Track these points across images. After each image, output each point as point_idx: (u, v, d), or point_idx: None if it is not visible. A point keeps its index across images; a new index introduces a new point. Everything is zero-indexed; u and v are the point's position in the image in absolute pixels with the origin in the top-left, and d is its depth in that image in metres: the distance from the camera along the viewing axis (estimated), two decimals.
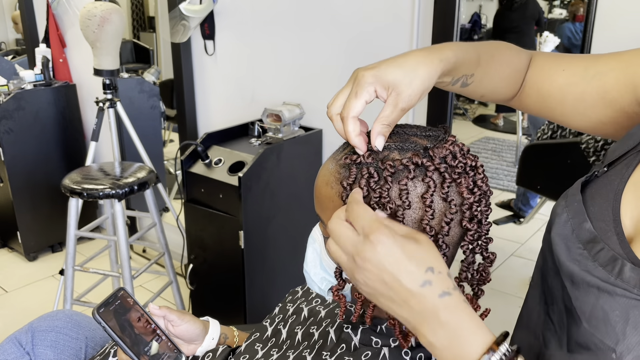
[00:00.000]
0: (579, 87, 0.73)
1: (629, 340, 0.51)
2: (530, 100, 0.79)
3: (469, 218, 0.63)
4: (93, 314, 0.80)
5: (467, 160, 0.63)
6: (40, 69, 2.82)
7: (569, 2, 3.17)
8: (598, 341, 0.54)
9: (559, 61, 0.77)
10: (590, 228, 0.58)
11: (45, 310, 1.94)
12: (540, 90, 0.77)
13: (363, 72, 0.62)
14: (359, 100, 0.62)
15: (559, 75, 0.75)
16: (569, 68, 0.75)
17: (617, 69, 0.70)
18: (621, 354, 0.51)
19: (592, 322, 0.54)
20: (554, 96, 0.76)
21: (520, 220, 2.95)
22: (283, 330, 0.87)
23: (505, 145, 4.24)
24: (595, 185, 0.63)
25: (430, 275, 0.53)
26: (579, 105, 0.73)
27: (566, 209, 0.62)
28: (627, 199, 0.58)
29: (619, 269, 0.53)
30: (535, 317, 0.67)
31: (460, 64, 0.67)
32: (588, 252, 0.56)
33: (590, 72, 0.73)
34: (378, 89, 0.62)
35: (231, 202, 1.73)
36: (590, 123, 0.74)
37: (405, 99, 0.61)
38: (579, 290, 0.57)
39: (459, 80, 0.70)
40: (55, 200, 2.81)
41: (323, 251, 0.72)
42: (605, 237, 0.57)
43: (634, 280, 0.51)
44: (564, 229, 0.61)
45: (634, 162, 0.60)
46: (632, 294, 0.51)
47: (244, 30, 2.12)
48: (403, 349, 0.67)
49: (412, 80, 0.61)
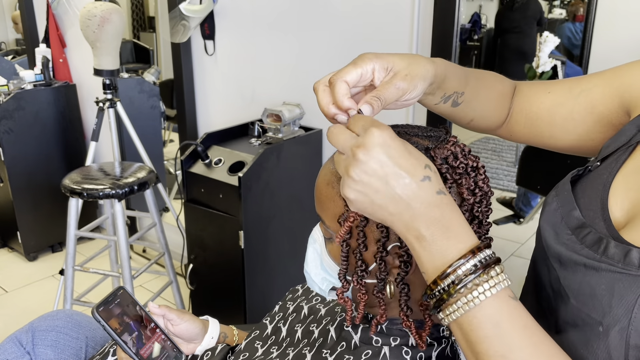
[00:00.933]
0: (567, 106, 0.75)
1: (614, 312, 0.52)
2: (519, 127, 0.80)
3: (470, 219, 0.63)
4: (92, 313, 0.80)
5: (469, 161, 0.63)
6: (40, 69, 2.82)
7: (569, 2, 3.17)
8: (585, 316, 0.55)
9: (543, 86, 0.79)
10: (578, 215, 0.60)
11: (45, 310, 1.94)
12: (528, 115, 0.78)
13: (364, 53, 0.62)
14: (356, 68, 0.60)
15: (545, 98, 0.77)
16: (554, 90, 0.77)
17: (601, 84, 0.72)
18: (608, 326, 0.52)
19: (580, 298, 0.56)
20: (542, 118, 0.77)
21: (520, 220, 2.95)
22: (283, 328, 0.87)
23: (505, 145, 4.24)
24: (587, 179, 0.65)
25: (429, 171, 0.54)
26: (568, 124, 0.75)
27: (556, 198, 0.65)
28: (616, 190, 0.60)
29: (604, 247, 0.55)
30: (528, 308, 0.68)
31: (450, 76, 0.68)
32: (576, 237, 0.59)
33: (575, 91, 0.74)
34: (377, 67, 0.61)
35: (231, 202, 1.73)
36: (580, 141, 0.75)
37: (401, 77, 0.60)
38: (567, 269, 0.58)
39: (450, 97, 0.71)
40: (55, 200, 2.81)
41: (324, 251, 0.72)
42: (592, 223, 0.59)
43: (618, 255, 0.53)
44: (553, 217, 0.63)
45: (623, 156, 0.62)
46: (616, 267, 0.53)
47: (244, 30, 2.12)
48: (421, 349, 0.67)
49: (410, 64, 0.62)
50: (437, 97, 0.70)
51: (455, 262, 0.53)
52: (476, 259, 0.53)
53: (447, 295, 0.53)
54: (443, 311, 0.54)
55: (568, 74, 2.68)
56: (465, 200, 0.62)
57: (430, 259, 0.54)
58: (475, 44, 3.72)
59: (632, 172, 0.61)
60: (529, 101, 0.79)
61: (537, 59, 2.60)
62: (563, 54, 2.83)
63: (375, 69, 0.61)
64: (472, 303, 0.52)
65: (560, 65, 2.62)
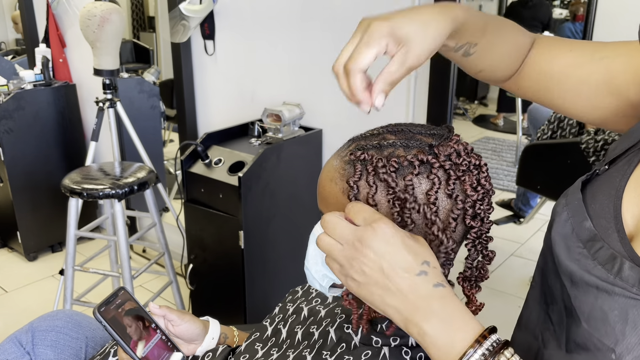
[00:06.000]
0: (585, 68, 0.71)
1: (628, 340, 0.50)
2: (529, 82, 0.77)
3: (472, 216, 0.63)
4: (94, 313, 0.81)
5: (471, 159, 0.63)
6: (40, 69, 2.82)
7: (569, 2, 3.16)
8: (597, 341, 0.53)
9: (566, 43, 0.75)
10: (590, 227, 0.57)
11: (45, 310, 1.94)
12: (542, 70, 0.75)
13: (377, 22, 0.58)
14: (370, 50, 0.57)
15: (565, 55, 0.73)
16: (576, 50, 0.73)
17: (625, 55, 0.69)
18: (620, 355, 0.51)
19: (591, 322, 0.54)
20: (556, 76, 0.74)
21: (520, 220, 2.95)
22: (283, 329, 0.87)
23: (505, 145, 4.24)
24: (596, 183, 0.63)
25: (427, 267, 0.55)
26: (581, 87, 0.72)
27: (566, 207, 0.62)
28: (629, 196, 0.57)
29: (618, 268, 0.52)
30: (535, 317, 0.67)
31: (467, 28, 0.65)
32: (587, 251, 0.56)
33: (597, 55, 0.71)
34: (390, 43, 0.57)
35: (231, 202, 1.73)
36: (588, 107, 0.73)
37: (414, 57, 0.58)
38: (578, 289, 0.56)
39: (462, 47, 0.68)
40: (55, 200, 2.81)
41: None
42: (605, 235, 0.56)
43: (632, 279, 0.50)
44: (564, 228, 0.60)
45: (636, 159, 0.60)
46: (630, 292, 0.50)
47: (244, 30, 2.12)
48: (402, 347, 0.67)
49: (425, 37, 0.58)
50: (448, 47, 0.67)
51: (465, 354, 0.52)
52: (484, 347, 0.53)
53: None
54: None
55: None
56: (469, 196, 0.62)
57: (438, 354, 0.54)
58: None
59: None
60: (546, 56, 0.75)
61: None
62: None
63: (389, 44, 0.58)
64: None
65: None
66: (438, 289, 0.54)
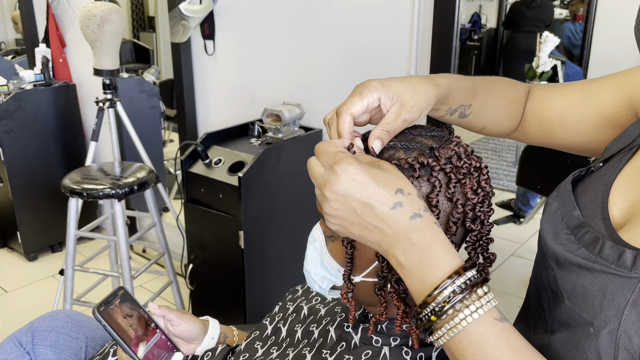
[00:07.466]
0: (578, 108, 0.76)
1: (605, 313, 0.52)
2: (533, 130, 0.81)
3: (472, 218, 0.63)
4: (93, 312, 0.81)
5: (472, 162, 0.63)
6: (40, 69, 2.82)
7: (569, 2, 3.17)
8: (577, 317, 0.55)
9: (556, 88, 0.80)
10: (578, 215, 0.61)
11: (45, 310, 1.94)
12: (541, 118, 0.80)
13: (371, 80, 0.63)
14: (362, 100, 0.62)
15: (556, 101, 0.78)
16: (566, 93, 0.78)
17: (612, 87, 0.73)
18: (598, 327, 0.52)
19: (573, 298, 0.56)
20: (555, 121, 0.78)
21: (520, 220, 2.95)
22: (283, 328, 0.87)
23: (505, 145, 4.24)
24: (589, 180, 0.66)
25: (401, 196, 0.54)
26: (579, 126, 0.76)
27: (557, 198, 0.65)
28: (617, 190, 0.61)
29: (599, 247, 0.55)
30: (532, 308, 0.68)
31: (454, 92, 0.69)
32: (574, 236, 0.59)
33: (586, 94, 0.76)
34: (383, 97, 0.62)
35: (231, 202, 1.73)
36: (592, 142, 0.76)
37: (408, 110, 0.62)
38: (563, 270, 0.59)
39: (456, 110, 0.72)
40: (55, 200, 2.81)
41: (324, 250, 0.72)
42: (591, 223, 0.59)
43: (612, 256, 0.53)
44: (553, 217, 0.63)
45: (627, 157, 0.63)
46: (609, 269, 0.53)
47: (244, 31, 2.12)
48: (415, 347, 0.67)
49: (415, 94, 0.63)
50: (442, 111, 0.71)
51: (437, 288, 0.52)
52: (460, 281, 0.52)
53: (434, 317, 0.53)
54: (432, 335, 0.54)
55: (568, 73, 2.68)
56: (469, 199, 0.62)
57: (412, 286, 0.54)
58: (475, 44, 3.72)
59: (634, 172, 0.61)
60: (541, 105, 0.80)
61: (537, 59, 2.60)
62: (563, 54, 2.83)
63: (382, 98, 0.62)
64: (456, 329, 0.52)
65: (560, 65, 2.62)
66: (415, 220, 0.53)
